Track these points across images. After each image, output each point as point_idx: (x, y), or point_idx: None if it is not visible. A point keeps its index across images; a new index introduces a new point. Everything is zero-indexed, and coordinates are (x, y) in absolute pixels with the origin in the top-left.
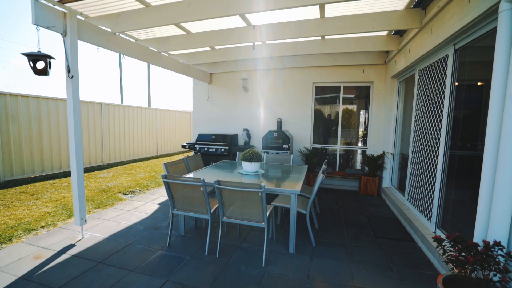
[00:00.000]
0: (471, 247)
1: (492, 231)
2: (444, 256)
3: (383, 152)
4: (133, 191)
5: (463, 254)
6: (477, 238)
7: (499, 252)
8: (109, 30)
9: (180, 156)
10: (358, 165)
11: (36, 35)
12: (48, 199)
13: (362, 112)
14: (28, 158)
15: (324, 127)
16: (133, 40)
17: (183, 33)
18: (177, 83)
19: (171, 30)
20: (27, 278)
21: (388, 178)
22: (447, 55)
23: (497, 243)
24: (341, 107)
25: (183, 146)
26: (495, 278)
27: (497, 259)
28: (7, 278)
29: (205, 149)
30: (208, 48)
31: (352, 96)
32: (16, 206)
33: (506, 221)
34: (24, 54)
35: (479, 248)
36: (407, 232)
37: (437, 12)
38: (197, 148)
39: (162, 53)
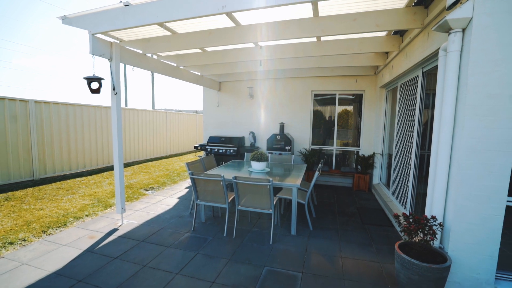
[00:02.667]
0: (417, 220)
1: (433, 210)
2: (399, 227)
3: (373, 153)
4: (153, 187)
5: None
6: (426, 214)
7: (434, 222)
8: (141, 52)
9: (188, 156)
10: (353, 164)
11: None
12: (82, 193)
13: (358, 114)
14: (58, 158)
15: (322, 127)
16: (155, 57)
17: (200, 51)
18: (179, 82)
19: (190, 49)
20: (90, 251)
21: (377, 175)
22: (417, 76)
23: (433, 217)
24: (337, 111)
25: (196, 148)
26: (429, 239)
27: (433, 227)
28: (76, 251)
29: (216, 150)
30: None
31: (351, 96)
32: (58, 200)
33: (441, 204)
34: (84, 78)
35: (422, 221)
36: (388, 219)
37: (408, 42)
38: (209, 149)
39: (180, 67)
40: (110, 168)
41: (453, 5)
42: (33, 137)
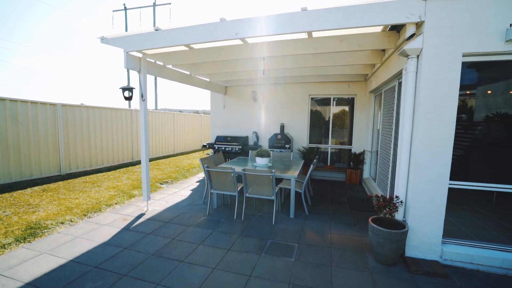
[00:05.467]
0: (385, 199)
1: (398, 191)
2: (373, 205)
3: (364, 150)
4: (167, 181)
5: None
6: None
7: (397, 200)
8: (161, 63)
9: (194, 154)
10: (347, 160)
11: None
12: (107, 186)
13: (351, 115)
14: (81, 156)
15: (322, 127)
16: (171, 66)
17: (211, 60)
18: (179, 84)
19: (203, 61)
20: (126, 229)
21: (367, 170)
22: (395, 85)
23: (396, 196)
24: (332, 112)
25: (204, 146)
26: (392, 212)
27: (396, 204)
28: (115, 229)
29: (222, 148)
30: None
31: (346, 97)
32: (87, 191)
33: (404, 187)
34: (120, 88)
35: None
36: (373, 206)
37: (387, 57)
38: (216, 148)
39: (192, 75)
40: (126, 165)
41: (410, 37)
42: (60, 137)
